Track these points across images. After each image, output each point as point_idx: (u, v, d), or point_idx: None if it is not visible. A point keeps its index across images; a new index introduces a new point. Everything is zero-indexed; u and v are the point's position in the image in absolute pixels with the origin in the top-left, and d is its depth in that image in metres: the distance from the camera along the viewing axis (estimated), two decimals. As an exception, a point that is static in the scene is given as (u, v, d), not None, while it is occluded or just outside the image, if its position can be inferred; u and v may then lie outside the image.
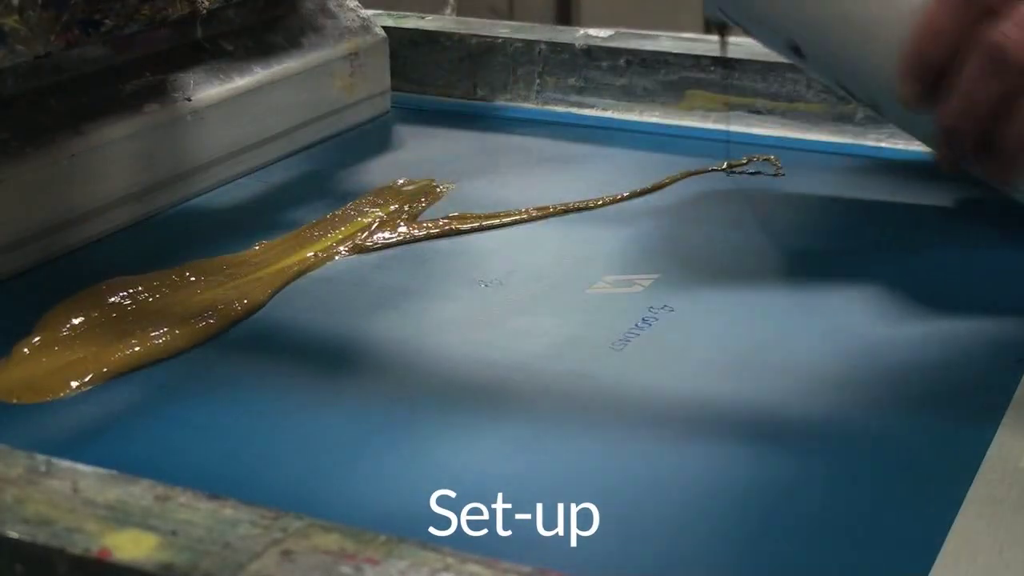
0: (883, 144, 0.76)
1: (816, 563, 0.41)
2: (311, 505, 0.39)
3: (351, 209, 0.67)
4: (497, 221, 0.66)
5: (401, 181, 0.71)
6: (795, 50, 0.63)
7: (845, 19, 0.60)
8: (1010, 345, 0.53)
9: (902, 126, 0.65)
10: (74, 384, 0.51)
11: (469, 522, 0.42)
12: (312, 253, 0.63)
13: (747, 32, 0.67)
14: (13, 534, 0.34)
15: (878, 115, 0.65)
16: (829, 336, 0.55)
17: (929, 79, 0.56)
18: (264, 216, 0.68)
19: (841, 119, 0.77)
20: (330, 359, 0.54)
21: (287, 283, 0.60)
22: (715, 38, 0.71)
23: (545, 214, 0.67)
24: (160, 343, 0.54)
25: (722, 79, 0.79)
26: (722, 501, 0.44)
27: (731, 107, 0.79)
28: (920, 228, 0.66)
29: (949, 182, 0.71)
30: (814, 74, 0.69)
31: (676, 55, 0.80)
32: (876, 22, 0.59)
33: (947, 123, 0.56)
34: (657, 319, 0.56)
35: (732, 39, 0.72)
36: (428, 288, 0.60)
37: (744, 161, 0.73)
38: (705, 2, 0.68)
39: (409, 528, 0.36)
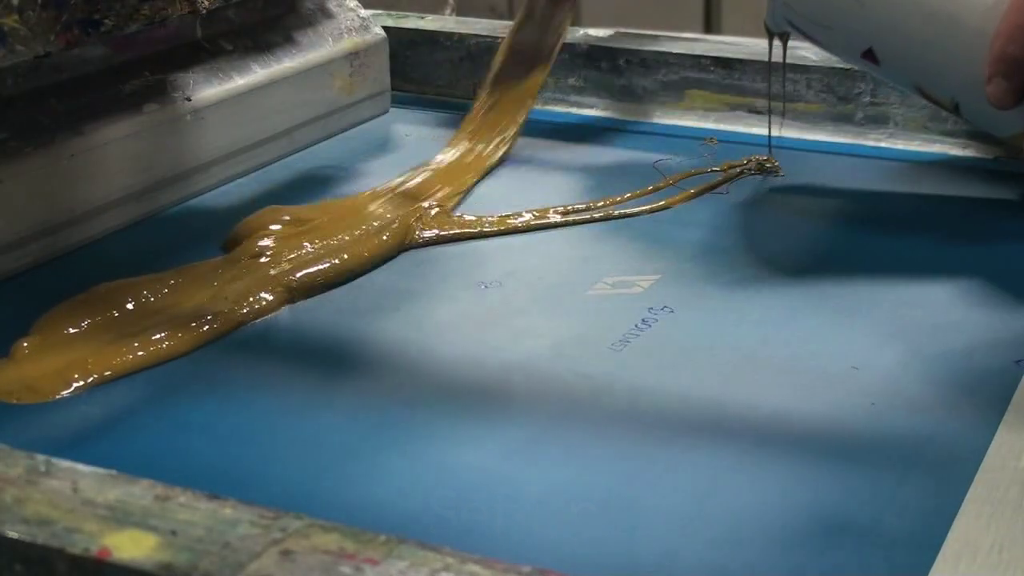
0: (883, 144, 0.76)
1: (816, 563, 0.41)
2: (311, 505, 0.39)
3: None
4: (515, 225, 0.66)
5: (400, 180, 0.71)
6: (868, 55, 0.63)
7: (929, 15, 0.60)
8: (1010, 345, 0.53)
9: (985, 125, 0.65)
10: (74, 384, 0.51)
11: (468, 522, 0.42)
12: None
13: (811, 40, 0.67)
14: (13, 534, 0.34)
15: (956, 116, 0.65)
16: (828, 336, 0.55)
17: (1019, 76, 0.55)
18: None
19: (841, 119, 0.77)
20: (330, 359, 0.54)
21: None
22: (718, 38, 0.71)
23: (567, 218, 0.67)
24: (163, 346, 0.54)
25: (722, 79, 0.79)
26: (722, 501, 0.44)
27: (731, 107, 0.79)
28: (919, 228, 0.66)
29: (948, 183, 0.71)
30: (887, 78, 0.68)
31: (676, 55, 0.80)
32: (960, 17, 0.59)
33: None
34: (657, 319, 0.56)
35: (727, 39, 0.71)
36: (428, 289, 0.60)
37: (744, 161, 0.73)
38: (770, 13, 0.67)
39: (409, 528, 0.36)
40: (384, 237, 0.63)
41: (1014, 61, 0.56)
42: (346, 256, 0.61)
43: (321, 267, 0.60)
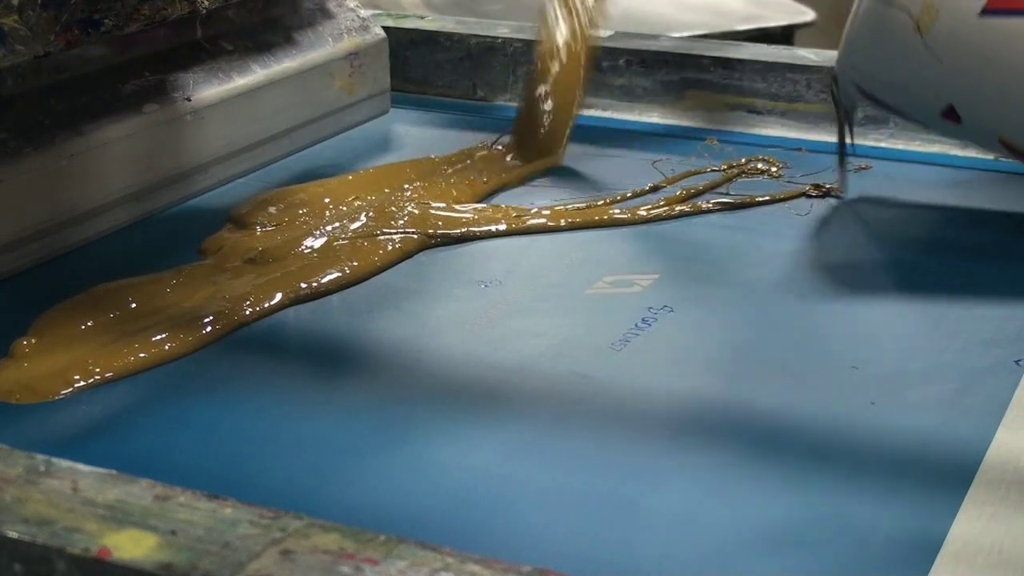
0: (883, 144, 0.76)
1: (816, 562, 0.41)
2: (311, 505, 0.39)
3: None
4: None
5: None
6: (949, 114, 0.61)
7: (1013, 62, 0.59)
8: (1009, 345, 0.53)
9: None
10: (74, 384, 0.51)
11: (468, 522, 0.42)
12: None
13: (884, 105, 0.66)
14: (13, 534, 0.34)
15: None
16: (828, 336, 0.55)
17: None
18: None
19: (841, 119, 0.77)
20: (330, 359, 0.54)
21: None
22: (717, 41, 0.71)
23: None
24: (164, 347, 0.54)
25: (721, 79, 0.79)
26: (721, 500, 0.44)
27: (731, 107, 0.79)
28: (918, 228, 0.66)
29: (947, 183, 0.71)
30: (968, 136, 0.66)
31: (676, 55, 0.80)
32: None
33: None
34: (657, 319, 0.56)
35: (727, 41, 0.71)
36: (428, 288, 0.60)
37: (744, 161, 0.73)
38: (839, 84, 0.66)
39: (409, 528, 0.36)
40: (397, 244, 0.62)
41: None
42: (356, 263, 0.61)
43: (332, 276, 0.59)
